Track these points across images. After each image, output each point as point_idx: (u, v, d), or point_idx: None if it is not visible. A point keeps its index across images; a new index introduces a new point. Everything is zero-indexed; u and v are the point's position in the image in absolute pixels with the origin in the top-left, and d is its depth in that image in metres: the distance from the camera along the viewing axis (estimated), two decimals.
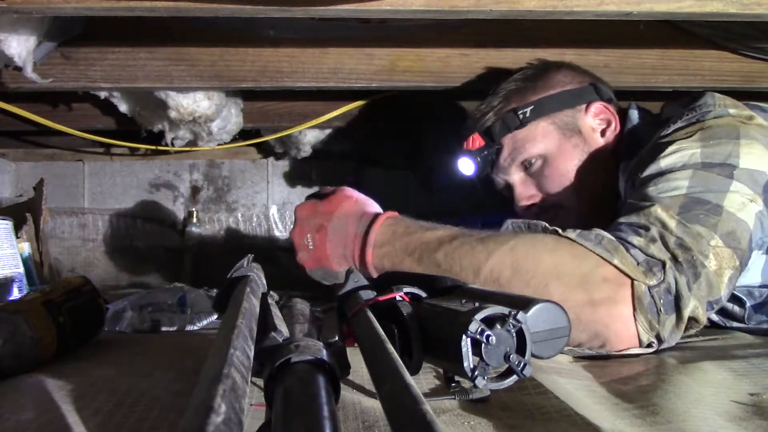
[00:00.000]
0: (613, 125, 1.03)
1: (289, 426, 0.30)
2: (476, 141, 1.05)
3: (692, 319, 0.73)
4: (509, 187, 1.09)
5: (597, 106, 1.03)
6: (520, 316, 0.47)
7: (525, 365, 0.47)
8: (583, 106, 1.03)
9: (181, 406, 0.51)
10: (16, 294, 1.01)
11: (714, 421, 0.48)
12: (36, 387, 0.56)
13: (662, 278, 0.71)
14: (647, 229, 0.75)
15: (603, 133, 1.03)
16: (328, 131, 1.64)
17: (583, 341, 0.73)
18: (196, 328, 0.97)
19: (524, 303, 0.51)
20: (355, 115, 1.43)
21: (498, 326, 0.47)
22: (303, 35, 1.09)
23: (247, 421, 0.48)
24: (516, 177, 1.07)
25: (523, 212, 1.08)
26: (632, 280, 0.72)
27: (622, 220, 0.79)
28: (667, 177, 0.80)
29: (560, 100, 1.03)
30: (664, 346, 0.73)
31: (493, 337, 0.46)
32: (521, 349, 0.47)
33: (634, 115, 1.02)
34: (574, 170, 1.02)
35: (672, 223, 0.75)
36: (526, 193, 1.07)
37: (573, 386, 0.58)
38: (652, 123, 0.98)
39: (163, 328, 0.96)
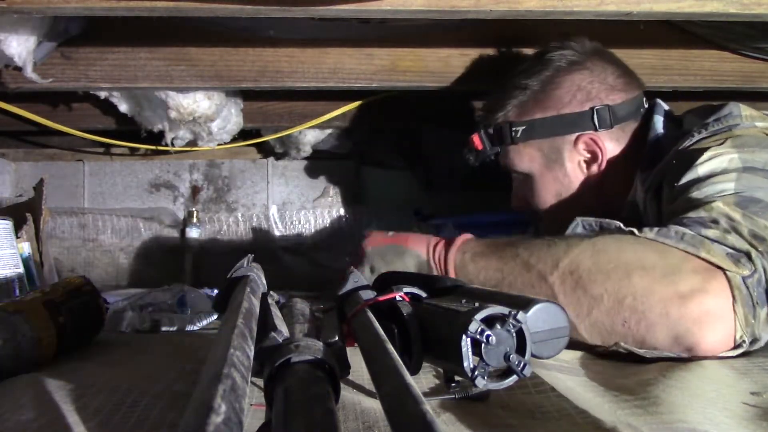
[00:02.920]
0: (599, 160, 1.00)
1: (289, 426, 0.30)
2: (477, 141, 1.06)
3: None
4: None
5: (586, 138, 0.99)
6: (520, 316, 0.47)
7: (525, 365, 0.47)
8: (574, 136, 1.00)
9: (181, 406, 0.51)
10: (15, 294, 1.01)
11: (715, 417, 0.48)
12: (36, 387, 0.56)
13: (754, 268, 0.68)
14: (716, 222, 0.72)
15: (588, 166, 1.01)
16: (328, 131, 1.64)
17: (665, 344, 0.68)
18: (196, 328, 0.97)
19: (524, 303, 0.51)
20: (355, 115, 1.43)
21: (498, 326, 0.47)
22: (303, 35, 1.09)
23: (247, 421, 0.48)
24: (513, 175, 1.09)
25: (518, 210, 1.11)
26: (724, 271, 0.67)
27: (681, 216, 0.75)
28: (710, 181, 0.77)
29: (552, 125, 1.01)
30: (756, 346, 0.69)
31: (493, 337, 0.46)
32: (521, 349, 0.47)
33: (658, 123, 0.97)
34: (553, 198, 1.03)
35: (738, 216, 0.71)
36: (520, 193, 1.09)
37: (574, 382, 0.58)
38: (673, 135, 0.93)
39: (163, 328, 0.96)
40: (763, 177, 0.75)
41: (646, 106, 1.02)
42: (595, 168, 1.00)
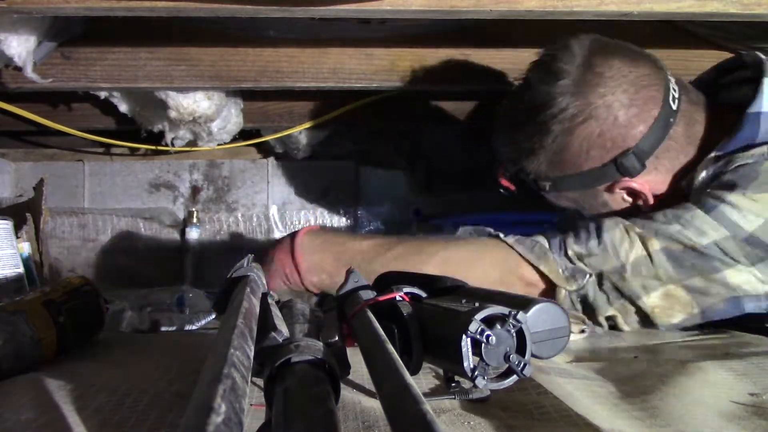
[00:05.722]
0: (644, 197, 0.90)
1: (289, 426, 0.30)
2: (506, 184, 0.99)
3: (610, 319, 0.81)
4: None
5: (619, 186, 0.90)
6: (520, 316, 0.47)
7: (525, 365, 0.47)
8: (605, 186, 0.91)
9: (181, 406, 0.51)
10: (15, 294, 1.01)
11: (714, 422, 0.48)
12: (36, 387, 0.56)
13: (582, 285, 0.79)
14: (600, 240, 0.80)
15: (633, 201, 0.92)
16: (328, 131, 1.64)
17: None
18: (195, 327, 0.97)
19: (524, 303, 0.51)
20: (355, 115, 1.43)
21: (498, 326, 0.47)
22: (303, 35, 1.09)
23: (247, 421, 0.48)
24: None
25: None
26: (554, 286, 0.79)
27: (607, 216, 0.84)
28: (702, 217, 0.78)
29: (578, 181, 0.92)
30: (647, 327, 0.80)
31: (493, 337, 0.46)
32: (521, 349, 0.47)
33: (763, 95, 0.84)
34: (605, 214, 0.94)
35: (639, 252, 0.79)
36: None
37: (572, 386, 0.58)
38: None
39: (163, 328, 0.96)
40: (750, 250, 0.77)
41: (676, 87, 0.88)
42: (641, 201, 0.92)
